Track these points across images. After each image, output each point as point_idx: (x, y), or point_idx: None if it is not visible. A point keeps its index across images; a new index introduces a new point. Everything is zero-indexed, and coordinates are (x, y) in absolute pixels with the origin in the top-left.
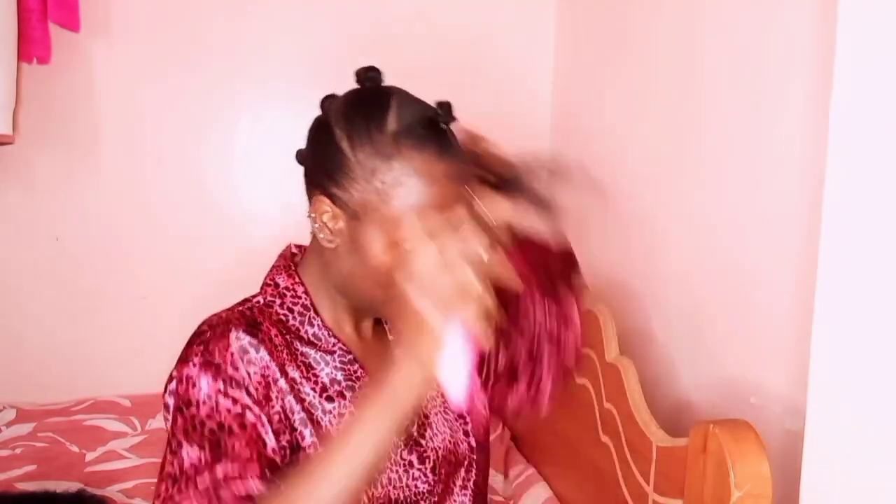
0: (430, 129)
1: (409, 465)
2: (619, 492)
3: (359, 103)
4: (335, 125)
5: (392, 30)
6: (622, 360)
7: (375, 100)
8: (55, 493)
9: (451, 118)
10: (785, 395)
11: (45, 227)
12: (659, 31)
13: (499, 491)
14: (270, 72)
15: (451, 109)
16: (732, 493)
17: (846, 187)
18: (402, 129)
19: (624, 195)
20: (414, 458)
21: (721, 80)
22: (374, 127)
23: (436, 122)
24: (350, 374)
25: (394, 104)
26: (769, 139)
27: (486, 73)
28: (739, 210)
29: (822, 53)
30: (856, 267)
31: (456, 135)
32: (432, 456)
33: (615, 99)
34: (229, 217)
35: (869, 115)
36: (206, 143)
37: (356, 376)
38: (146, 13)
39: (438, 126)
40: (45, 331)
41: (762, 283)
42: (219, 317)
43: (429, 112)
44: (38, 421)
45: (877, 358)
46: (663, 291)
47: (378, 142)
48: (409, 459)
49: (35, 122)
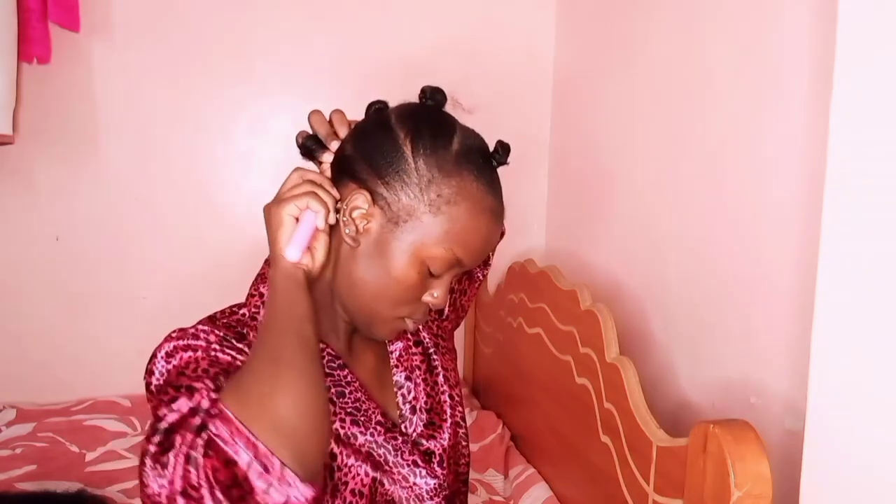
0: (487, 163)
1: (413, 465)
2: (619, 492)
3: (425, 116)
4: (397, 127)
5: (392, 30)
6: (622, 360)
7: (441, 118)
8: (55, 493)
9: (505, 160)
10: (785, 395)
11: (45, 227)
12: (659, 32)
13: (499, 491)
14: (270, 71)
15: (509, 152)
16: (732, 493)
17: (846, 187)
18: (466, 153)
19: (624, 195)
20: (417, 457)
21: (722, 78)
22: (439, 140)
23: (491, 158)
24: (339, 380)
25: (458, 128)
26: (769, 139)
27: (486, 67)
28: (739, 210)
29: (822, 53)
30: (856, 267)
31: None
32: (438, 451)
33: (615, 98)
34: (229, 217)
35: (869, 115)
36: (206, 143)
37: (346, 381)
38: (146, 13)
39: (492, 162)
40: (45, 331)
41: (762, 284)
42: (202, 323)
43: (487, 147)
44: (38, 421)
45: (877, 358)
46: (663, 291)
47: (442, 156)
48: (414, 458)
49: (35, 122)
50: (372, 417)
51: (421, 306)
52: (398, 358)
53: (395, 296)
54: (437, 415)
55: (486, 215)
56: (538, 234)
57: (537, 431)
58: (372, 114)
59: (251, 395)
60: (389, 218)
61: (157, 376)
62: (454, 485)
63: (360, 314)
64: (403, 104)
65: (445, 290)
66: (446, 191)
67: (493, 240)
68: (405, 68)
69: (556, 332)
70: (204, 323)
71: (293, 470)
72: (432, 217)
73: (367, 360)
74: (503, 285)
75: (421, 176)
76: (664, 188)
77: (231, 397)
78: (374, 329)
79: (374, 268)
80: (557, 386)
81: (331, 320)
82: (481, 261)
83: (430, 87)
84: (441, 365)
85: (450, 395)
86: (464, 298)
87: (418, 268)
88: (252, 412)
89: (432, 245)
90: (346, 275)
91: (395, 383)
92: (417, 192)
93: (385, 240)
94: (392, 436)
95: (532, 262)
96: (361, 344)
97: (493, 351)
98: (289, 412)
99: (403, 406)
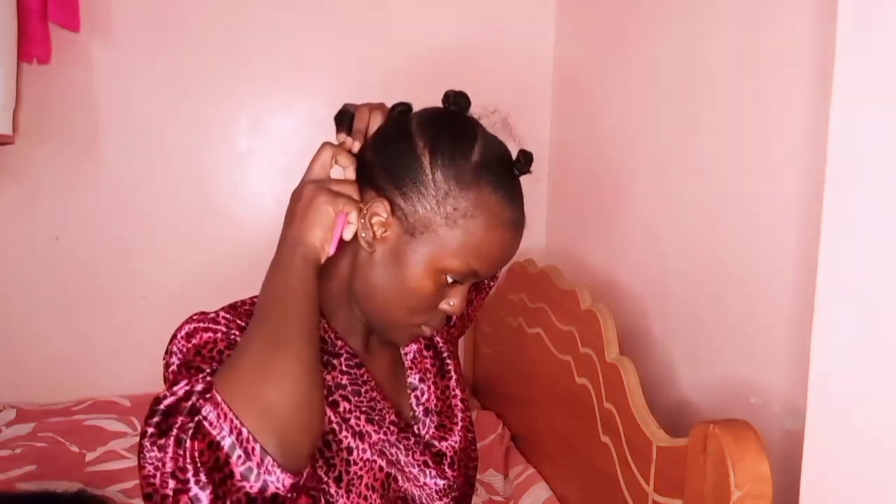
0: (507, 172)
1: (423, 465)
2: (619, 492)
3: (446, 124)
4: (417, 136)
5: (392, 31)
6: (622, 360)
7: (463, 126)
8: (55, 493)
9: (528, 169)
10: (785, 395)
11: (45, 227)
12: (660, 31)
13: (499, 491)
14: (270, 71)
15: (532, 160)
16: (732, 493)
17: (846, 187)
18: (485, 163)
19: (624, 195)
20: (428, 458)
21: (722, 78)
22: (459, 152)
23: (512, 168)
24: (355, 378)
25: (480, 136)
26: (769, 139)
27: (486, 67)
28: (739, 210)
29: (823, 53)
30: (855, 267)
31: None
32: (449, 452)
33: (615, 98)
34: (229, 217)
35: (869, 116)
36: (205, 143)
37: (362, 380)
38: (146, 13)
39: (514, 172)
40: (45, 331)
41: (762, 283)
42: (224, 310)
43: (509, 156)
44: (38, 421)
45: (877, 358)
46: (663, 291)
47: (460, 168)
48: (425, 459)
49: (35, 122)
50: (386, 417)
51: (437, 314)
52: (412, 360)
53: (410, 304)
54: (448, 418)
55: (504, 228)
56: (538, 234)
57: (537, 431)
58: (395, 118)
59: (243, 378)
60: (406, 228)
61: (176, 356)
62: (464, 487)
63: (377, 320)
64: (426, 109)
65: (462, 298)
66: (463, 203)
67: (511, 251)
68: (406, 69)
69: (556, 332)
70: (226, 310)
71: (274, 457)
72: (448, 230)
73: (383, 361)
74: (503, 285)
75: (438, 188)
76: (664, 188)
77: (223, 378)
78: (390, 334)
79: (390, 276)
80: (557, 386)
81: (349, 319)
82: (499, 270)
83: (454, 92)
84: (453, 369)
85: (461, 399)
86: (470, 308)
87: (434, 278)
88: (242, 395)
89: (448, 257)
90: (364, 280)
91: (409, 385)
92: (434, 205)
93: (401, 250)
94: (405, 436)
95: (532, 262)
96: (378, 344)
97: (493, 351)
98: (280, 400)
99: (417, 408)
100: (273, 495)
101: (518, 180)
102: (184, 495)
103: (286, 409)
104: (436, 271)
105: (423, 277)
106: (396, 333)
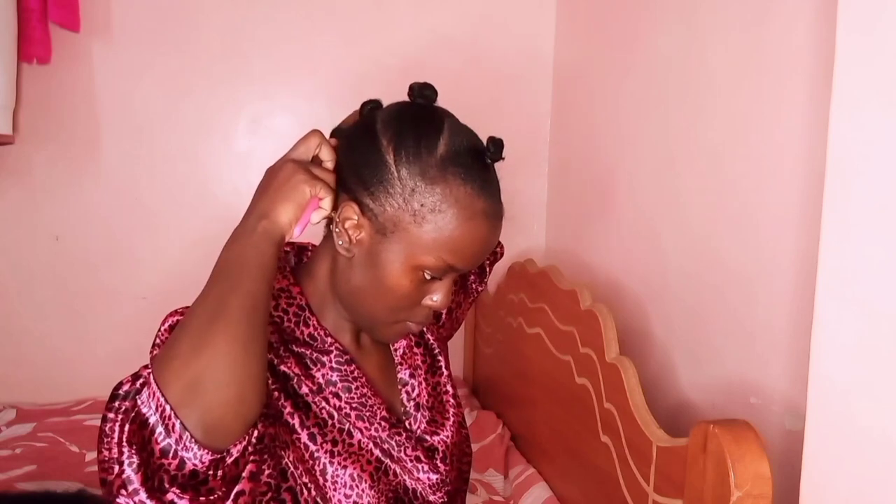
0: (477, 162)
1: (416, 460)
2: (619, 492)
3: (411, 118)
4: (381, 134)
5: (392, 29)
6: (622, 360)
7: (429, 119)
8: (55, 493)
9: (499, 156)
10: (785, 395)
11: (45, 227)
12: (659, 31)
13: (499, 491)
14: (270, 71)
15: (503, 147)
16: (732, 493)
17: (846, 187)
18: (451, 156)
19: (624, 194)
20: (420, 452)
21: (722, 78)
22: (423, 146)
23: (483, 156)
24: (346, 375)
25: (447, 127)
26: (769, 138)
27: (486, 66)
28: (739, 210)
29: (822, 53)
30: (855, 267)
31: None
32: (441, 447)
33: (615, 98)
34: (229, 217)
35: (869, 116)
36: (205, 143)
37: (353, 377)
38: (146, 13)
39: (485, 160)
40: (45, 331)
41: (762, 284)
42: None
43: (479, 145)
44: (38, 421)
45: (877, 358)
46: (663, 291)
47: (425, 162)
48: (417, 454)
49: (35, 122)
50: (377, 413)
51: (421, 310)
52: (401, 356)
53: (391, 303)
54: (440, 413)
55: (477, 220)
56: (538, 234)
57: (537, 431)
58: (364, 115)
59: (175, 352)
60: (377, 229)
61: (158, 347)
62: (457, 482)
63: (362, 320)
64: (392, 104)
65: (445, 293)
66: (430, 199)
67: (489, 243)
68: (405, 68)
69: (556, 332)
70: None
71: (192, 433)
72: (418, 227)
73: (374, 357)
74: (503, 285)
75: (405, 185)
76: (664, 188)
77: (159, 355)
78: (377, 332)
79: (368, 277)
80: (557, 386)
81: (338, 318)
82: (480, 263)
83: (419, 84)
84: (444, 366)
85: (453, 395)
86: (458, 311)
87: (410, 276)
88: (169, 371)
89: (421, 254)
90: (345, 283)
91: (400, 380)
92: (402, 203)
93: (376, 250)
94: (396, 431)
95: (532, 262)
96: (369, 341)
97: (493, 351)
98: (210, 374)
99: (408, 403)
100: (192, 472)
101: (492, 169)
102: (119, 478)
103: (214, 384)
104: (411, 269)
105: (399, 276)
106: (382, 331)
